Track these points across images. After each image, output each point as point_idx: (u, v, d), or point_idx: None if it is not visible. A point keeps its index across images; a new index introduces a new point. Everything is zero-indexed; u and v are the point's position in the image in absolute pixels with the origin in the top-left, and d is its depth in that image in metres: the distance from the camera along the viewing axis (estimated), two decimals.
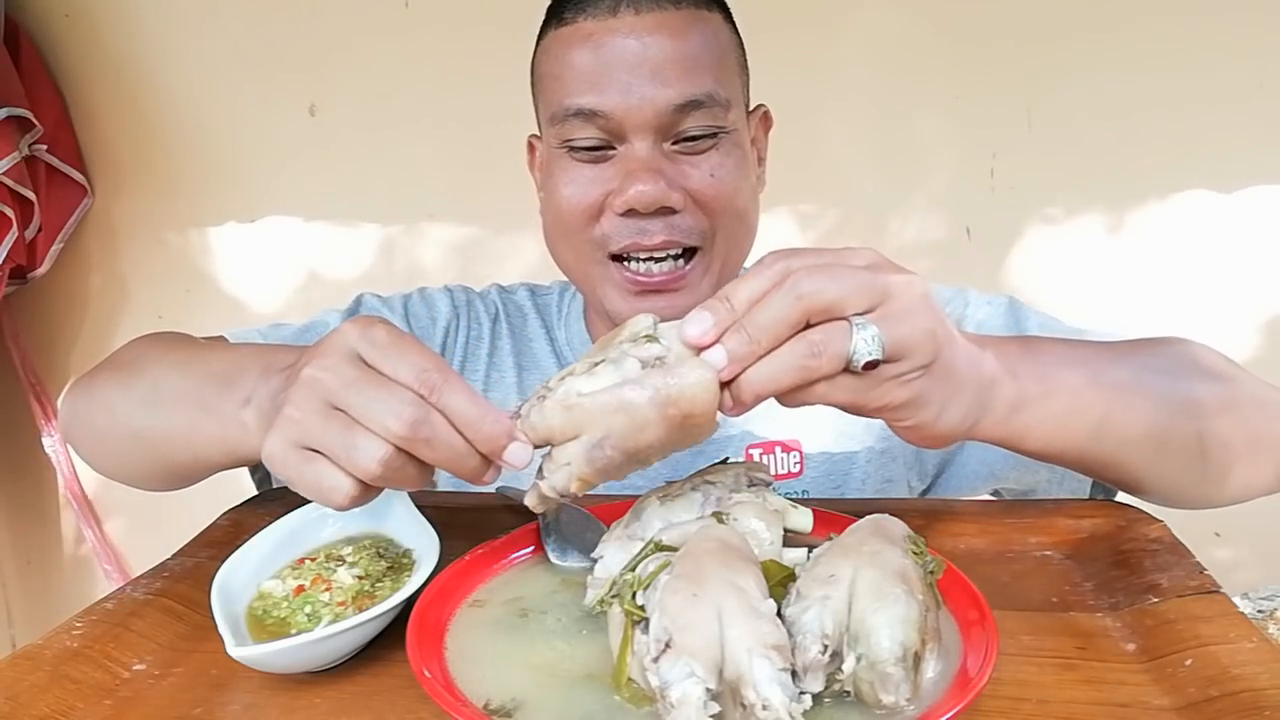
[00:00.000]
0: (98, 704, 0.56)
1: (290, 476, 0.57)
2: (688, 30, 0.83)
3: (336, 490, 0.56)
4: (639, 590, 0.51)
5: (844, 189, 1.80)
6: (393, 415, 0.54)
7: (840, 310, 0.55)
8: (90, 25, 1.95)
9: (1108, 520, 0.72)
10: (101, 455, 0.84)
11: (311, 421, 0.56)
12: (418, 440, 0.54)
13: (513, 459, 0.56)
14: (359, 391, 0.55)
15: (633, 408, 0.54)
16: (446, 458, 0.55)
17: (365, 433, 0.55)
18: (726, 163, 0.85)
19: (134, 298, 2.11)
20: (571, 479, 0.56)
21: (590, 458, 0.55)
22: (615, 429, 0.54)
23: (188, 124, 1.98)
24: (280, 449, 0.57)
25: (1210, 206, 1.70)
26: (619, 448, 0.54)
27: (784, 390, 0.55)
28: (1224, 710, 0.49)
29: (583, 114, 0.83)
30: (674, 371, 0.54)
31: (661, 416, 0.54)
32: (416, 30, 1.85)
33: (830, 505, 0.69)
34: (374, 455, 0.54)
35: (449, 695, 0.49)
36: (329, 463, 0.55)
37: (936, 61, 1.72)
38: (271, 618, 0.59)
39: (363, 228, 1.98)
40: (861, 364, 0.54)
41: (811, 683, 0.47)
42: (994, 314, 0.93)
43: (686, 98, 0.81)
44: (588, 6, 0.84)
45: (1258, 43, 1.62)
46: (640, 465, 0.57)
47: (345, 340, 0.57)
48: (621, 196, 0.82)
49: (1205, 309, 1.72)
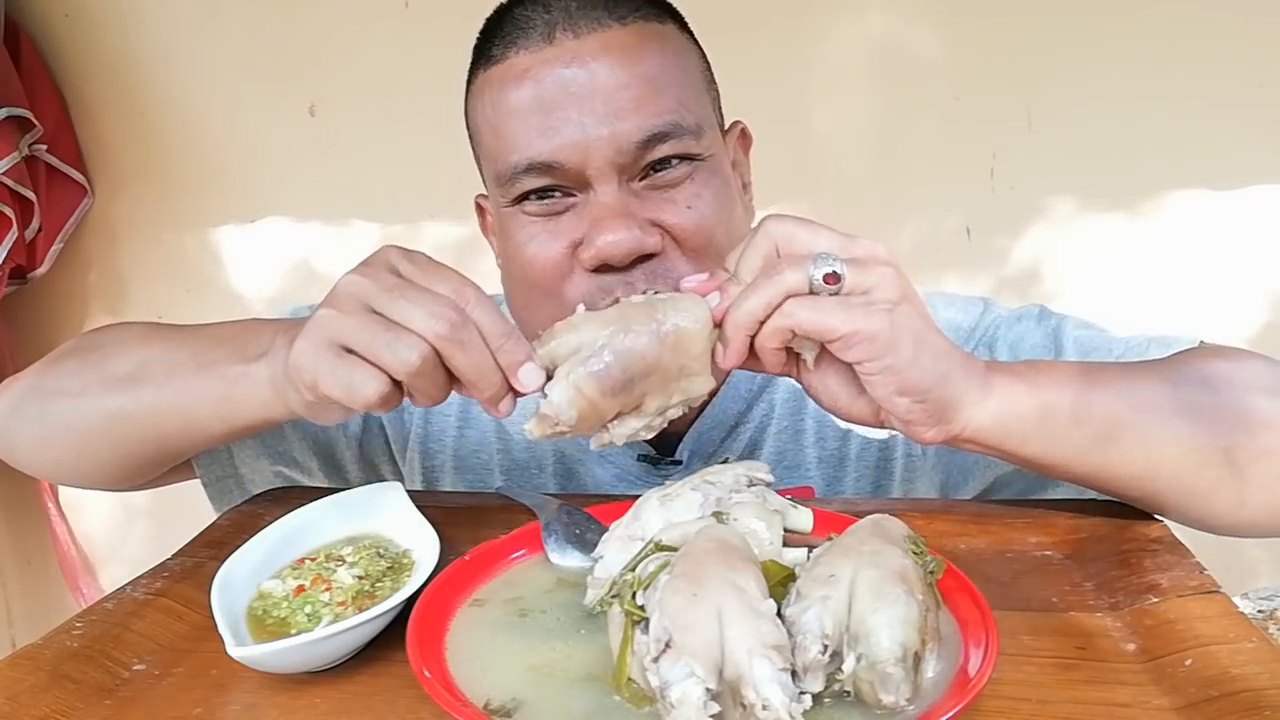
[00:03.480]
0: (98, 704, 0.55)
1: (319, 374, 0.59)
2: (639, 49, 0.73)
3: (368, 383, 0.58)
4: (639, 590, 0.51)
5: (844, 189, 1.80)
6: (435, 316, 0.57)
7: (806, 247, 0.60)
8: (90, 25, 1.95)
9: (1108, 520, 0.72)
10: (51, 448, 0.81)
11: (350, 320, 0.58)
12: (454, 342, 0.57)
13: (525, 378, 0.59)
14: (401, 295, 0.58)
15: (629, 319, 0.60)
16: (476, 365, 0.58)
17: (405, 331, 0.57)
18: (704, 193, 0.75)
19: (134, 297, 2.11)
20: (570, 389, 0.59)
21: (587, 365, 0.59)
22: (614, 337, 0.59)
23: (188, 124, 1.98)
24: (311, 346, 0.59)
25: (1210, 206, 1.70)
26: (616, 354, 0.59)
27: (759, 317, 0.59)
28: (1224, 710, 0.49)
29: (535, 168, 0.72)
30: (672, 298, 0.62)
31: (656, 332, 0.59)
32: (416, 30, 1.85)
33: (830, 505, 0.69)
34: (414, 349, 0.57)
35: (449, 695, 0.49)
36: (362, 360, 0.58)
37: (936, 60, 1.72)
38: (271, 618, 0.59)
39: (362, 228, 1.98)
40: (820, 275, 0.58)
41: (811, 683, 0.47)
42: (1025, 332, 0.86)
43: (648, 131, 0.71)
44: (517, 38, 0.74)
45: (1258, 42, 1.62)
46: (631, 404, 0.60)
47: (386, 256, 0.61)
48: (591, 249, 0.71)
49: (1206, 309, 1.72)
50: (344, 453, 0.93)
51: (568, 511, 0.70)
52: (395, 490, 0.71)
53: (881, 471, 0.89)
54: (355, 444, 0.93)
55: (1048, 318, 0.87)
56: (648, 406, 0.61)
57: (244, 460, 0.89)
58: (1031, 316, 0.87)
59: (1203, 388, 0.69)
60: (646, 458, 0.87)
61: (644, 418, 0.62)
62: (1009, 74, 1.70)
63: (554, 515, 0.69)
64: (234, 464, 0.89)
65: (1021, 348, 0.85)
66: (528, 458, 0.91)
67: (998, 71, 1.71)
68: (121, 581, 0.68)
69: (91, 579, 2.21)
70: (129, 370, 0.75)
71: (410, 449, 0.93)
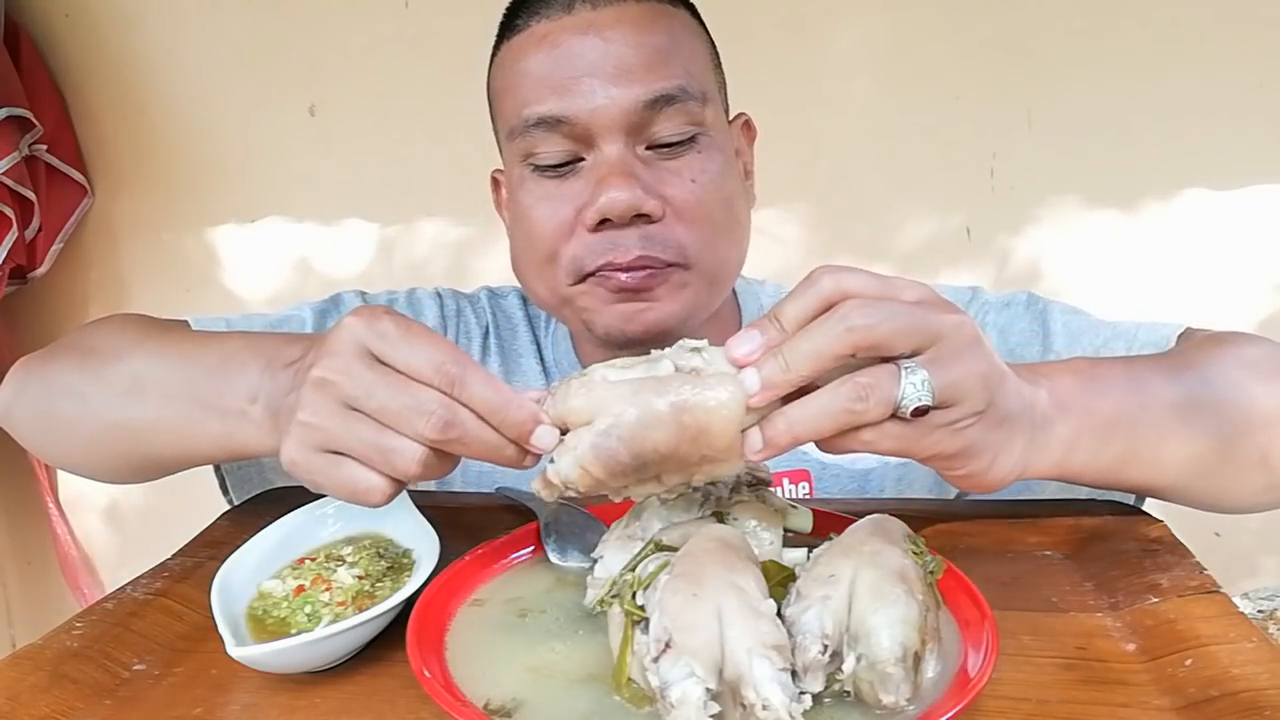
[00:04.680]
0: (98, 704, 0.55)
1: (318, 481, 0.56)
2: (651, 23, 0.77)
3: (374, 490, 0.55)
4: (639, 590, 0.51)
5: (844, 189, 1.80)
6: (421, 418, 0.53)
7: (889, 349, 0.51)
8: (90, 25, 1.95)
9: (1108, 520, 0.72)
10: (57, 443, 0.80)
11: (333, 426, 0.55)
12: (450, 440, 0.53)
13: (540, 443, 0.55)
14: (380, 395, 0.54)
15: (647, 402, 0.51)
16: (480, 450, 0.54)
17: (397, 435, 0.54)
18: (709, 167, 0.78)
19: (134, 297, 2.11)
20: (574, 466, 0.53)
21: (595, 445, 0.52)
22: (625, 419, 0.52)
23: (188, 124, 1.98)
24: (303, 455, 0.56)
25: (1210, 206, 1.70)
26: (625, 441, 0.52)
27: (825, 434, 0.53)
28: (1224, 710, 0.49)
29: (544, 122, 0.77)
30: (702, 380, 0.52)
31: (675, 420, 0.51)
32: (417, 30, 1.85)
33: (830, 505, 0.69)
34: (411, 457, 0.54)
35: (449, 695, 0.49)
36: (358, 464, 0.55)
37: (936, 61, 1.72)
38: (271, 618, 0.59)
39: (362, 227, 1.98)
40: (910, 410, 0.52)
41: (811, 683, 0.47)
42: (1014, 317, 0.88)
43: (656, 93, 0.75)
44: (539, 8, 0.79)
45: (1258, 43, 1.62)
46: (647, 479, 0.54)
47: (352, 336, 0.55)
48: (593, 206, 0.75)
49: (1206, 308, 1.72)
50: None
51: (568, 511, 0.70)
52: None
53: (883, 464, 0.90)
54: None
55: (1035, 303, 0.88)
56: (668, 482, 0.55)
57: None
58: (1020, 302, 0.89)
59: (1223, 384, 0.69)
60: None
61: (663, 486, 0.56)
62: (1009, 74, 1.70)
63: (554, 515, 0.69)
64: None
65: (1010, 333, 0.87)
66: None
67: (998, 71, 1.71)
68: (121, 581, 0.68)
69: (91, 579, 2.21)
70: (125, 384, 0.73)
71: None
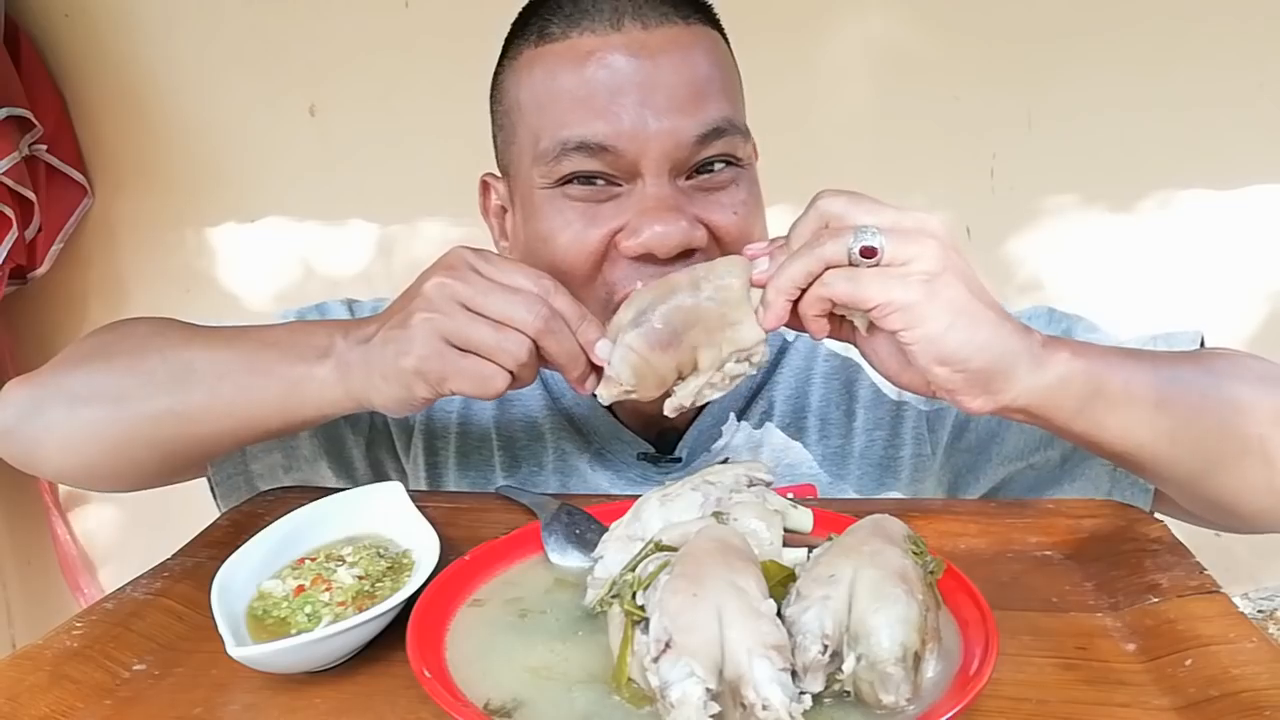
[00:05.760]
0: (98, 704, 0.55)
1: (448, 373, 0.64)
2: (698, 50, 0.75)
3: (497, 377, 0.64)
4: (639, 590, 0.51)
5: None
6: (530, 311, 0.64)
7: (852, 220, 0.61)
8: (90, 25, 1.95)
9: (1108, 520, 0.72)
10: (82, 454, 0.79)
11: (459, 320, 0.64)
12: (549, 332, 0.64)
13: (600, 352, 0.66)
14: (495, 296, 0.64)
15: (673, 282, 0.66)
16: (566, 350, 0.65)
17: (510, 330, 0.64)
18: (747, 199, 0.78)
19: (133, 298, 2.10)
20: (623, 350, 0.65)
21: (635, 322, 0.65)
22: (656, 300, 0.65)
23: (188, 124, 1.98)
24: (432, 347, 0.64)
25: (1210, 206, 1.70)
26: (658, 312, 0.65)
27: (801, 283, 0.62)
28: (1224, 710, 0.49)
29: (587, 148, 0.72)
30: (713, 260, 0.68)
31: (695, 285, 0.65)
32: (417, 30, 1.85)
33: (830, 505, 0.69)
34: (522, 345, 0.64)
35: (449, 695, 0.49)
36: (478, 357, 0.64)
37: (936, 61, 1.72)
38: (271, 618, 0.59)
39: (362, 227, 1.99)
40: (859, 248, 0.59)
41: (811, 683, 0.47)
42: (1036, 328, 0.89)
43: (708, 126, 0.73)
44: (582, 20, 0.74)
45: (1258, 43, 1.62)
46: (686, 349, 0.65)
47: (463, 257, 0.67)
48: (637, 238, 0.72)
49: (1206, 309, 1.72)
50: (352, 450, 0.93)
51: (568, 511, 0.70)
52: (395, 490, 0.72)
53: (886, 470, 0.89)
54: (363, 442, 0.93)
55: (1058, 319, 0.87)
56: (703, 362, 0.66)
57: (256, 457, 0.89)
58: (1041, 317, 0.88)
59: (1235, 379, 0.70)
60: (646, 455, 0.88)
61: (703, 375, 0.66)
62: (1009, 74, 1.70)
63: (554, 515, 0.69)
64: (245, 462, 0.89)
65: None
66: (528, 456, 0.91)
67: (998, 72, 1.71)
68: (121, 581, 0.68)
69: (91, 579, 2.21)
70: (174, 373, 0.75)
71: (414, 447, 0.93)
